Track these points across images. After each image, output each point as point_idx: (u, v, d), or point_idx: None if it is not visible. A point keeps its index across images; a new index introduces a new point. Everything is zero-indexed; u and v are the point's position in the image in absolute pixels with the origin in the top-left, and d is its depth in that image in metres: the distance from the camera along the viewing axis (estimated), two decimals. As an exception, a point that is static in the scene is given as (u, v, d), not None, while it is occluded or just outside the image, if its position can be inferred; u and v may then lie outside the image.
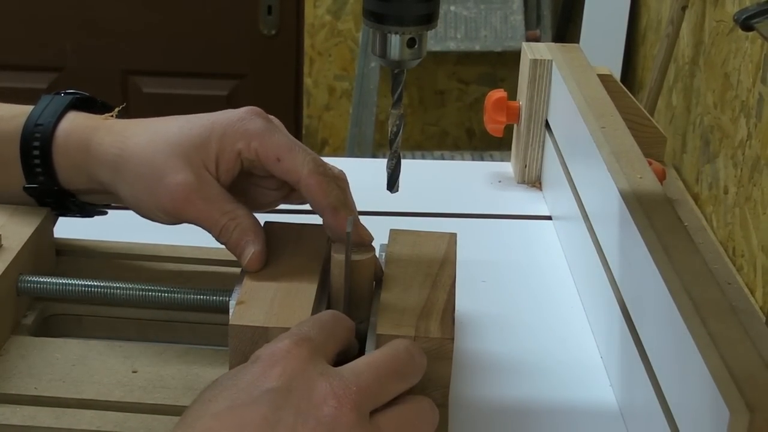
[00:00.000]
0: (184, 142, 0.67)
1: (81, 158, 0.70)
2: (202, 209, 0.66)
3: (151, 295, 0.69)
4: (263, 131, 0.68)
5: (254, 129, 0.67)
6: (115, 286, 0.69)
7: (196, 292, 0.68)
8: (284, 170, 0.67)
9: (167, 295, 0.69)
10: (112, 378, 0.64)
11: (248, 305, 0.63)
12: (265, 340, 0.61)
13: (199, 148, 0.67)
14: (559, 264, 0.89)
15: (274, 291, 0.64)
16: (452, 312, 0.64)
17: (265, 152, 0.67)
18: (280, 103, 2.22)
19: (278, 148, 0.67)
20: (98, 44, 2.14)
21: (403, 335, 0.61)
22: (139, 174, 0.67)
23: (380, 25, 0.65)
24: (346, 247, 0.64)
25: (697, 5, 1.33)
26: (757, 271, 0.99)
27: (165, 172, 0.66)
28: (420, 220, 0.96)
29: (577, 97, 0.89)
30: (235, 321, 0.61)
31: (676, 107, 1.38)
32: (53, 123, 0.71)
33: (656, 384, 0.61)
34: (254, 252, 0.66)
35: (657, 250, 0.64)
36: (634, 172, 0.75)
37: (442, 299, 0.65)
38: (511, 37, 2.25)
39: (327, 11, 2.35)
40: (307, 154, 0.68)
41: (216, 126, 0.68)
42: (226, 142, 0.67)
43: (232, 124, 0.68)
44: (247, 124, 0.68)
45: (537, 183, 1.04)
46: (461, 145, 2.52)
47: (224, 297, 0.67)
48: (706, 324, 0.56)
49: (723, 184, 1.12)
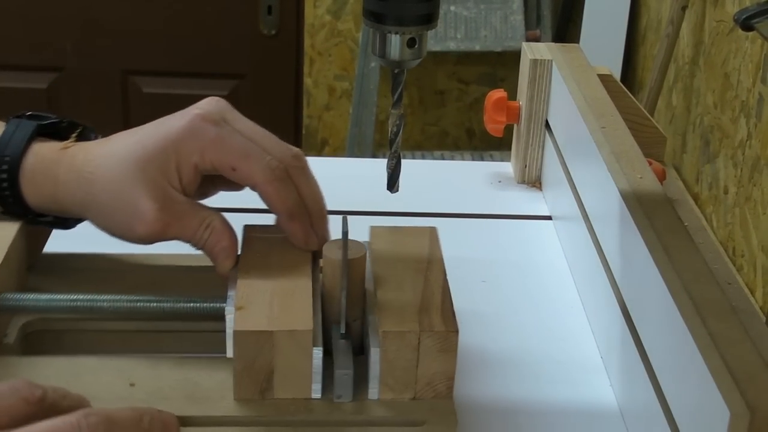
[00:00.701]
0: (147, 167, 0.67)
1: (49, 192, 0.69)
2: (176, 229, 0.67)
3: (140, 306, 0.67)
4: (215, 140, 0.67)
5: (206, 139, 0.67)
6: (102, 299, 0.67)
7: (187, 301, 0.67)
8: (240, 178, 0.68)
9: (157, 305, 0.67)
10: (110, 393, 0.63)
11: (248, 310, 0.62)
12: (270, 344, 0.61)
13: (160, 169, 0.67)
14: (559, 264, 0.89)
15: (270, 294, 0.64)
16: (451, 306, 0.65)
17: (219, 162, 0.67)
18: (280, 103, 2.22)
19: (232, 157, 0.67)
20: (98, 44, 2.14)
21: (408, 330, 0.62)
22: (110, 209, 0.68)
23: (380, 25, 0.65)
24: (343, 247, 0.63)
25: (697, 5, 1.33)
26: (757, 271, 0.99)
27: (136, 205, 0.67)
28: (420, 220, 0.96)
29: (577, 97, 0.89)
30: (240, 327, 0.61)
31: (676, 107, 1.38)
32: (19, 156, 0.69)
33: (656, 384, 0.61)
34: (226, 258, 0.68)
35: (657, 250, 0.64)
36: (634, 172, 0.75)
37: (438, 294, 0.66)
38: (511, 37, 2.25)
39: (327, 11, 2.34)
40: (262, 159, 0.67)
41: (169, 143, 0.67)
42: (182, 157, 0.67)
43: (183, 138, 0.67)
44: (199, 134, 0.67)
45: (537, 183, 1.04)
46: (461, 145, 2.52)
47: (217, 303, 0.66)
48: (707, 324, 0.56)
49: (723, 184, 1.12)
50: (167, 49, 2.15)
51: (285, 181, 0.67)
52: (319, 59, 2.38)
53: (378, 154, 2.32)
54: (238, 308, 0.62)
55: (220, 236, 0.68)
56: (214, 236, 0.68)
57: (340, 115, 2.42)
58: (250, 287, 0.65)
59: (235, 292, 0.64)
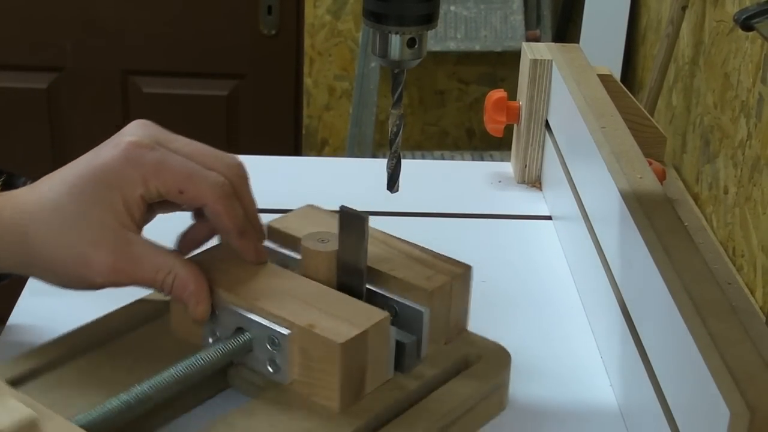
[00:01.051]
0: (90, 210, 0.63)
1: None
2: (133, 274, 0.63)
3: (181, 374, 0.61)
4: (156, 165, 0.64)
5: (147, 166, 0.63)
6: (144, 388, 0.60)
7: (220, 348, 0.63)
8: (189, 200, 0.65)
9: (197, 363, 0.61)
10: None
11: (319, 323, 0.61)
12: (365, 343, 0.61)
13: (106, 210, 0.63)
14: (559, 264, 0.89)
15: (302, 302, 0.63)
16: (433, 251, 0.70)
17: (165, 188, 0.64)
18: (280, 103, 2.21)
19: (178, 180, 0.64)
20: (98, 44, 2.14)
21: (442, 284, 0.67)
22: (57, 263, 0.63)
23: (380, 25, 0.65)
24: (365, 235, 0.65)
25: (697, 5, 1.33)
26: (757, 271, 0.99)
27: (85, 255, 0.62)
28: (420, 220, 0.96)
29: (577, 97, 0.89)
30: (341, 339, 0.60)
31: (676, 107, 1.38)
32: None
33: (656, 384, 0.61)
34: (198, 303, 0.64)
35: (657, 250, 0.64)
36: (634, 172, 0.75)
37: (415, 250, 0.70)
38: (511, 37, 2.25)
39: (327, 11, 2.34)
40: (207, 177, 0.64)
41: (110, 178, 0.63)
42: (127, 191, 0.63)
43: (123, 171, 0.63)
44: (138, 163, 0.63)
45: (537, 183, 1.04)
46: (461, 145, 2.51)
47: (245, 337, 0.63)
48: (707, 324, 0.56)
49: (723, 184, 1.12)
50: (167, 49, 2.15)
51: (232, 197, 0.65)
52: (319, 59, 2.38)
53: (378, 154, 2.32)
54: (309, 326, 0.61)
55: (186, 282, 0.63)
56: (179, 282, 0.63)
57: (340, 115, 2.42)
58: (276, 306, 0.63)
59: (270, 315, 0.62)
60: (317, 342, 0.60)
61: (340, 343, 0.59)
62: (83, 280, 0.63)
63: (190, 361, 0.62)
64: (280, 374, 0.63)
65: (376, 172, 0.79)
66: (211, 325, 0.65)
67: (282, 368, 0.62)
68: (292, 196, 0.97)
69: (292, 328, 0.61)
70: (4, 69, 2.15)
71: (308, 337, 0.61)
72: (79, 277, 0.63)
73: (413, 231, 0.75)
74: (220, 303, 0.65)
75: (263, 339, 0.62)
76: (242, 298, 0.64)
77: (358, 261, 0.66)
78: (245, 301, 0.64)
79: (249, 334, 0.63)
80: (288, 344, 0.61)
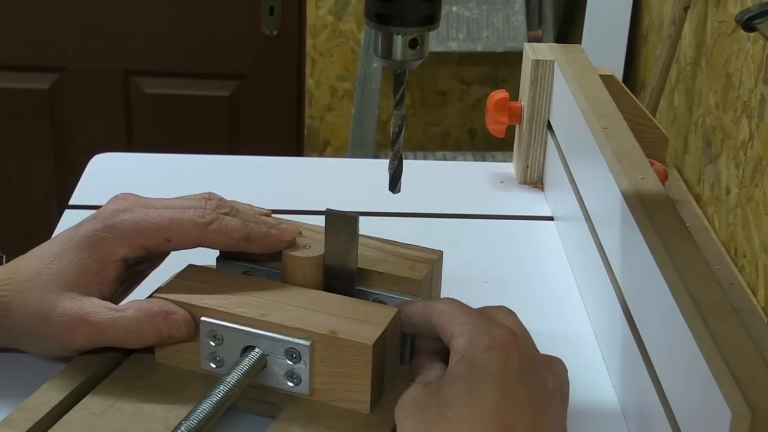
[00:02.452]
0: (74, 281, 0.64)
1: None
2: (108, 339, 0.63)
3: (230, 389, 0.60)
4: (138, 223, 0.65)
5: (128, 228, 0.64)
6: (202, 409, 0.58)
7: (241, 369, 0.61)
8: (179, 244, 0.66)
9: (229, 390, 0.60)
10: None
11: (339, 332, 0.61)
12: (384, 340, 0.61)
13: (80, 276, 0.64)
14: (560, 264, 0.89)
15: (311, 311, 0.63)
16: (403, 243, 0.71)
17: (151, 242, 0.65)
18: (282, 103, 2.22)
19: (162, 230, 0.65)
20: (100, 45, 2.14)
21: (428, 269, 0.68)
22: (38, 332, 0.63)
23: (382, 25, 0.65)
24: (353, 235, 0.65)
25: (699, 6, 1.33)
26: (759, 272, 0.99)
27: (60, 324, 0.62)
28: (421, 220, 0.96)
29: (579, 97, 0.89)
30: (370, 340, 0.60)
31: (678, 108, 1.38)
32: None
33: (658, 384, 0.61)
34: (181, 327, 0.63)
35: (659, 250, 0.64)
36: (636, 172, 0.75)
37: (385, 245, 0.71)
38: (513, 37, 2.25)
39: (329, 12, 2.34)
40: (187, 216, 0.65)
41: (87, 246, 0.64)
42: (102, 256, 0.64)
43: (99, 237, 0.64)
44: (115, 226, 0.64)
45: (539, 183, 1.04)
46: (463, 145, 2.51)
47: (258, 354, 0.62)
48: (708, 324, 0.56)
49: (725, 185, 1.12)
50: (169, 50, 2.15)
51: (219, 219, 0.66)
52: (320, 60, 2.38)
53: (380, 154, 2.32)
54: (332, 333, 0.61)
55: (155, 322, 0.63)
56: (147, 329, 0.63)
57: (342, 116, 2.42)
58: (284, 318, 0.62)
59: (283, 328, 0.62)
60: (344, 347, 0.60)
61: (372, 344, 0.60)
62: (66, 345, 0.64)
63: (218, 389, 0.60)
64: (300, 386, 0.62)
65: (377, 173, 0.79)
66: (210, 348, 0.63)
67: (303, 380, 0.62)
68: (293, 197, 0.97)
69: (312, 337, 0.61)
70: (5, 70, 2.15)
71: (332, 343, 0.60)
72: (60, 342, 0.64)
73: (414, 232, 0.76)
74: (220, 326, 0.63)
75: (278, 353, 0.62)
76: (246, 316, 0.63)
77: (348, 262, 0.66)
78: (250, 319, 0.62)
79: (260, 351, 0.62)
80: (310, 354, 0.61)
